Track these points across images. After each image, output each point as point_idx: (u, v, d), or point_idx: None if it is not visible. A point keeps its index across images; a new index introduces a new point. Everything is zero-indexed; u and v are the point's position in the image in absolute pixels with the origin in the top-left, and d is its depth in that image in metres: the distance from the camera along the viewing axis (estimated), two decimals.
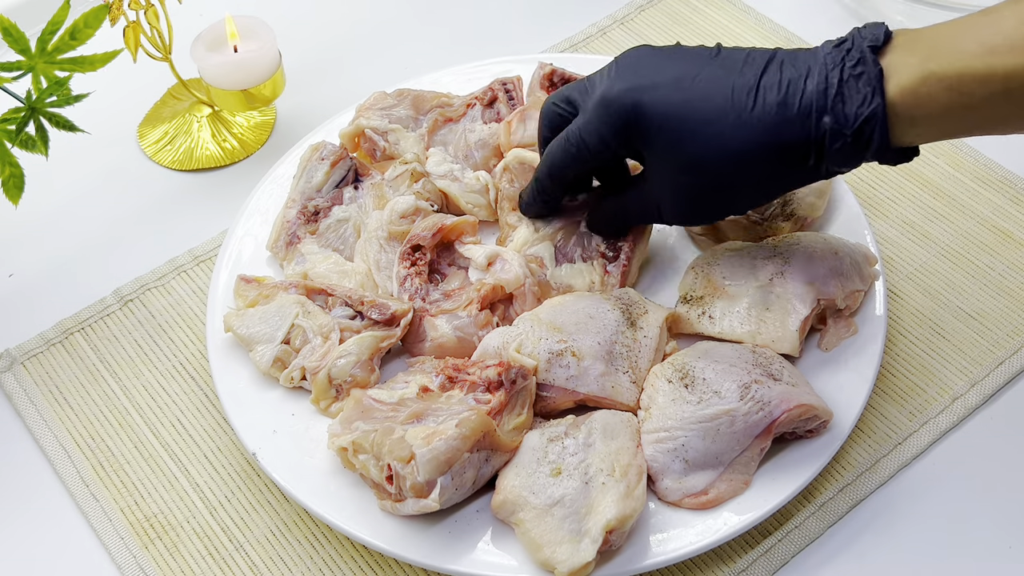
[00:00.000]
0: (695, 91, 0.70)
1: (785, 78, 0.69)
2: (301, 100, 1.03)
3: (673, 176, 0.73)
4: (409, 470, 0.70)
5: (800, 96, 0.68)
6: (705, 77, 0.70)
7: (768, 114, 0.68)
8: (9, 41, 0.79)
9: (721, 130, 0.69)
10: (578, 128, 0.75)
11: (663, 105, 0.71)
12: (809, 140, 0.68)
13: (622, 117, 0.72)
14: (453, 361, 0.78)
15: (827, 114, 0.67)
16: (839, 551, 0.74)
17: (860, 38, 0.68)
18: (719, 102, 0.69)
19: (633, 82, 0.72)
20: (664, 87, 0.71)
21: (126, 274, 0.91)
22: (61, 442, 0.82)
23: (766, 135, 0.68)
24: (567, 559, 0.68)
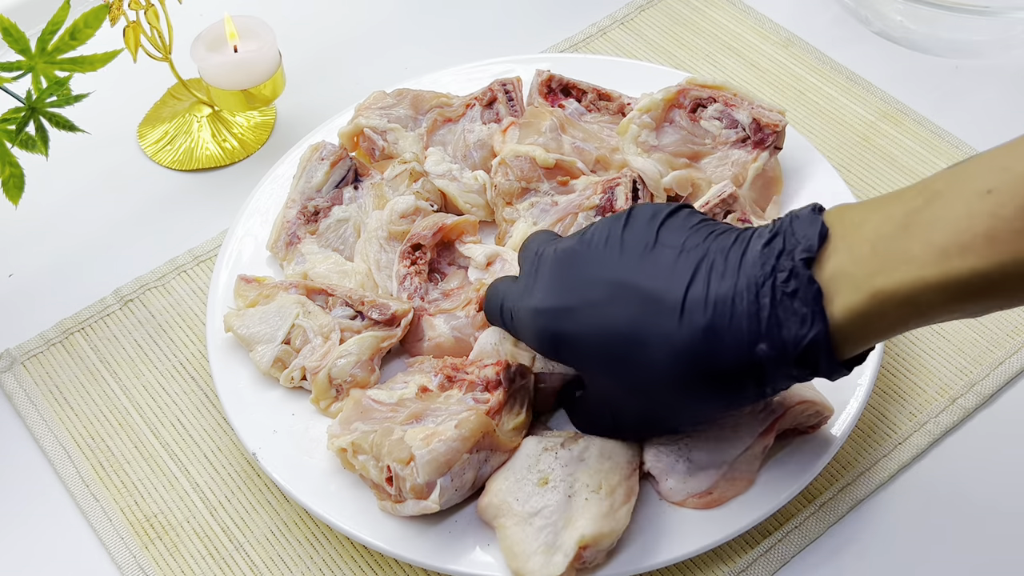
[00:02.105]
0: (616, 312, 0.64)
1: (712, 295, 0.61)
2: (301, 100, 1.03)
3: (615, 394, 0.69)
4: (409, 471, 0.70)
5: (729, 320, 0.60)
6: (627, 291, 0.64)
7: (695, 340, 0.61)
8: (9, 41, 0.79)
9: (650, 356, 0.63)
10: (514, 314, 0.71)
11: (584, 330, 0.65)
12: (744, 368, 0.61)
13: (547, 338, 0.68)
14: (452, 361, 0.78)
15: (762, 341, 0.60)
16: (839, 551, 0.74)
17: (792, 239, 0.60)
18: (646, 326, 0.62)
19: (558, 301, 0.67)
20: (587, 311, 0.65)
21: (126, 274, 0.91)
22: (61, 442, 0.82)
23: (698, 365, 0.61)
24: (537, 570, 0.68)
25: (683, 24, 1.08)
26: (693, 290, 0.61)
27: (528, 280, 0.70)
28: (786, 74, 1.02)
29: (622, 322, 0.63)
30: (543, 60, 0.98)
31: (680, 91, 0.89)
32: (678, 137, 0.88)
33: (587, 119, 0.93)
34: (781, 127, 0.87)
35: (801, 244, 0.60)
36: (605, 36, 1.07)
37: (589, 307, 0.65)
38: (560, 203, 0.86)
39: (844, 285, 0.58)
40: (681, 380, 0.62)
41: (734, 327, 0.60)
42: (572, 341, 0.66)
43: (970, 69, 1.02)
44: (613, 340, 0.64)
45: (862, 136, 0.97)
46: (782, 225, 0.61)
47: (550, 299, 0.68)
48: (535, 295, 0.69)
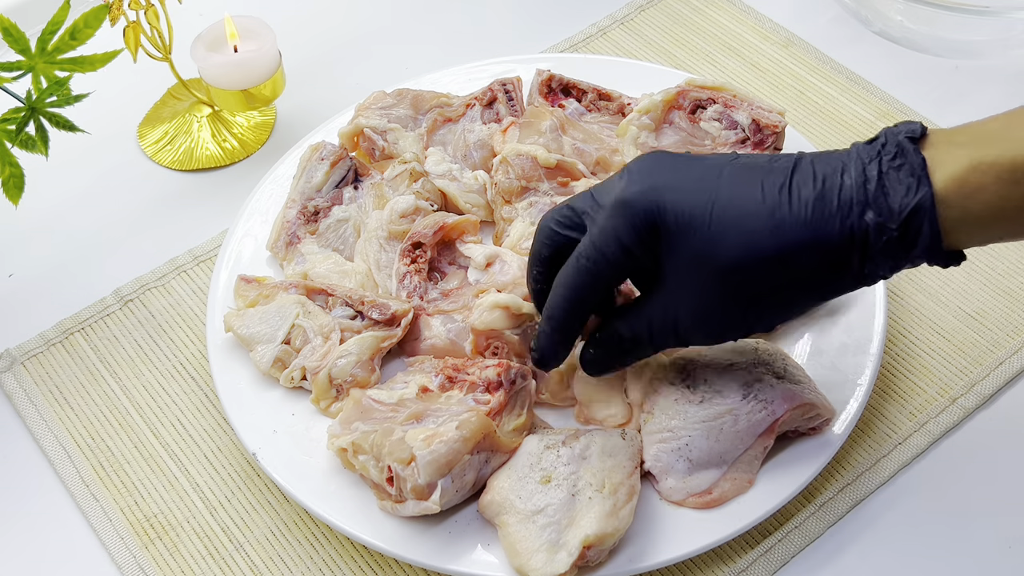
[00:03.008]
0: (721, 190, 0.64)
1: (819, 173, 0.63)
2: (301, 100, 1.03)
3: (698, 285, 0.66)
4: (409, 472, 0.70)
5: (838, 191, 0.62)
6: (729, 175, 0.65)
7: (804, 211, 0.63)
8: (9, 41, 0.79)
9: (754, 230, 0.63)
10: (591, 240, 0.67)
11: (687, 205, 0.65)
12: (853, 237, 0.62)
13: (643, 219, 0.65)
14: (453, 361, 0.78)
15: (869, 208, 0.62)
16: (839, 551, 0.74)
17: (893, 133, 0.64)
18: (749, 201, 0.64)
19: (651, 183, 0.66)
20: (686, 187, 0.65)
21: (126, 274, 0.91)
22: (61, 442, 0.82)
23: (804, 234, 0.63)
24: (540, 568, 0.68)
25: (683, 24, 1.08)
26: (798, 174, 0.64)
27: (617, 178, 0.68)
28: (786, 74, 1.02)
29: (725, 196, 0.64)
30: (543, 60, 0.98)
31: (679, 92, 0.89)
32: (677, 138, 0.88)
33: (587, 119, 0.93)
34: (780, 128, 0.87)
35: (903, 130, 0.63)
36: (605, 36, 1.07)
37: (691, 183, 0.65)
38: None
39: (947, 157, 0.61)
40: (788, 254, 0.63)
41: (843, 197, 0.62)
42: (673, 215, 0.65)
43: (970, 69, 1.02)
44: (718, 214, 0.64)
45: (862, 136, 0.97)
46: (881, 131, 0.65)
47: (648, 180, 0.66)
48: (631, 181, 0.67)
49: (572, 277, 0.68)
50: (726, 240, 0.64)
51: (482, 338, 0.78)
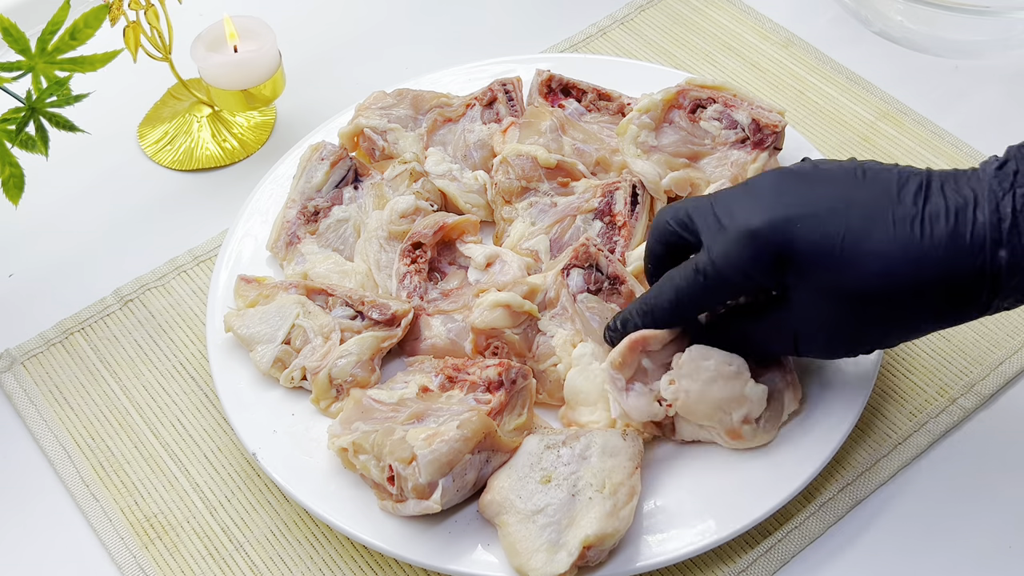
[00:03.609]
0: (853, 221, 0.64)
1: (951, 207, 0.63)
2: (301, 100, 1.03)
3: (825, 309, 0.67)
4: (411, 471, 0.70)
5: (971, 228, 0.63)
6: (860, 204, 0.65)
7: (938, 247, 0.63)
8: (9, 41, 0.79)
9: (887, 264, 0.64)
10: (714, 261, 0.68)
11: (819, 236, 0.65)
12: (983, 275, 0.63)
13: (771, 251, 0.66)
14: (453, 361, 0.78)
15: (1003, 247, 0.62)
16: (839, 551, 0.74)
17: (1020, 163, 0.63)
18: (882, 233, 0.64)
19: (780, 212, 0.66)
20: (817, 216, 0.65)
21: (126, 274, 0.91)
22: (61, 442, 0.82)
23: (937, 269, 0.63)
24: (540, 568, 0.68)
25: (683, 24, 1.08)
26: (930, 205, 0.64)
27: (742, 196, 0.68)
28: (786, 74, 1.02)
29: (858, 228, 0.64)
30: (543, 60, 0.98)
31: (679, 92, 0.89)
32: (677, 138, 0.88)
33: (587, 119, 0.93)
34: (780, 127, 0.87)
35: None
36: (605, 36, 1.07)
37: (824, 214, 0.65)
38: (559, 204, 0.86)
39: None
40: (919, 288, 0.64)
41: (976, 234, 0.62)
42: (805, 247, 0.65)
43: (970, 69, 1.02)
44: (851, 246, 0.64)
45: (862, 136, 0.97)
46: (1010, 153, 0.64)
47: (776, 207, 0.66)
48: (758, 206, 0.67)
49: (687, 288, 0.70)
50: (858, 273, 0.64)
51: (482, 337, 0.78)
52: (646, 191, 0.86)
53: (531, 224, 0.86)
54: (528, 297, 0.79)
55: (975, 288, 0.64)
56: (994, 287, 0.63)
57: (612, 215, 0.85)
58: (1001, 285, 0.63)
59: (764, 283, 0.68)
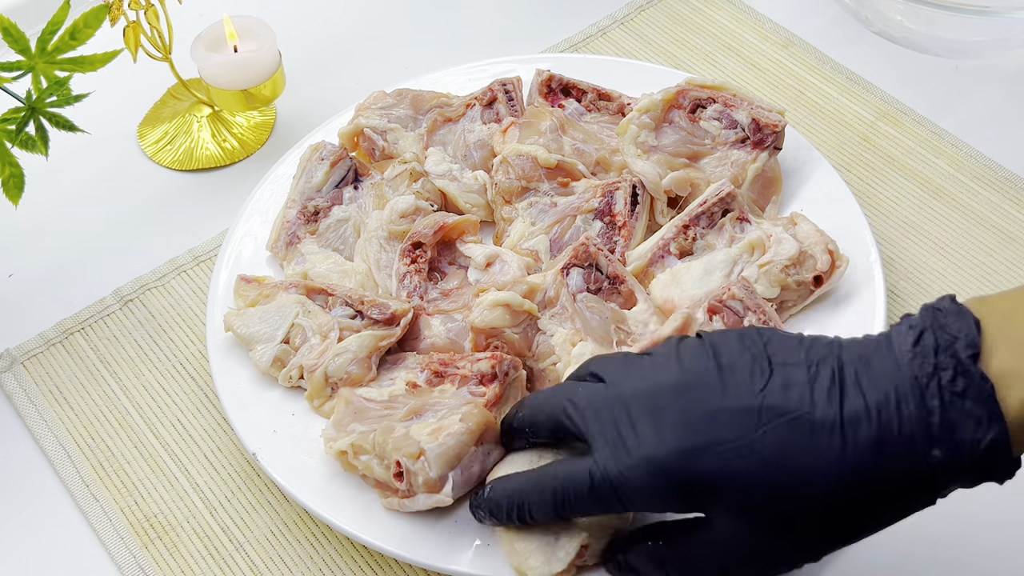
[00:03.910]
0: (768, 445, 0.58)
1: (871, 405, 0.57)
2: (301, 100, 1.03)
3: (752, 535, 0.60)
4: (420, 466, 0.70)
5: (897, 426, 0.56)
6: (771, 414, 0.58)
7: (863, 457, 0.57)
8: (9, 41, 0.79)
9: (810, 484, 0.57)
10: (612, 480, 0.61)
11: (732, 465, 0.58)
12: (918, 477, 0.57)
13: (681, 487, 0.60)
14: (437, 356, 0.78)
15: (935, 447, 0.56)
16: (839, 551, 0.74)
17: (945, 335, 0.57)
18: (800, 453, 0.57)
19: (686, 444, 0.59)
20: (728, 446, 0.58)
21: (126, 274, 0.91)
22: (61, 442, 0.82)
23: (865, 482, 0.57)
24: (538, 567, 0.68)
25: (683, 24, 1.08)
26: (848, 403, 0.57)
27: (617, 434, 0.62)
28: (786, 74, 1.02)
29: (772, 452, 0.58)
30: (543, 60, 0.98)
31: (679, 91, 0.89)
32: (677, 137, 0.88)
33: (587, 119, 0.93)
34: (780, 127, 0.87)
35: (961, 340, 0.57)
36: (605, 36, 1.07)
37: (729, 442, 0.59)
38: (559, 204, 0.86)
39: (1015, 382, 0.55)
40: (849, 504, 0.58)
41: (903, 435, 0.56)
42: (717, 481, 0.59)
43: (970, 69, 1.02)
44: (769, 475, 0.58)
45: (862, 136, 0.97)
46: (925, 321, 0.58)
47: (674, 441, 0.60)
48: (662, 433, 0.60)
49: (576, 496, 0.63)
50: (781, 499, 0.58)
51: (482, 337, 0.78)
52: (646, 191, 0.86)
53: (531, 224, 0.86)
54: (528, 296, 0.79)
55: (912, 490, 0.58)
56: (932, 485, 0.58)
57: (612, 215, 0.85)
58: (939, 482, 0.57)
59: (677, 512, 0.62)
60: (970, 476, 0.57)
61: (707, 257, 0.83)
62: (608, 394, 0.64)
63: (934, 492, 0.58)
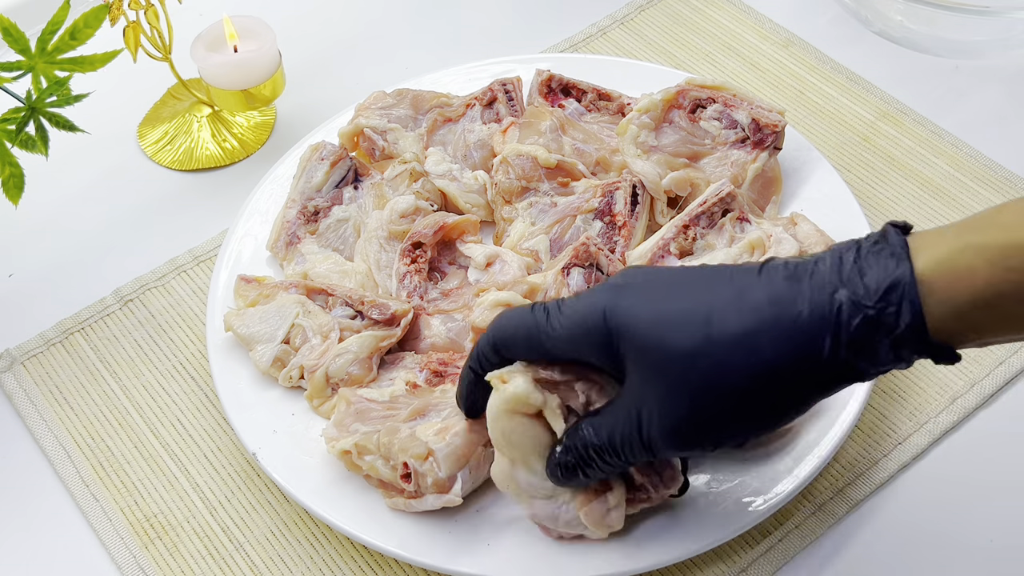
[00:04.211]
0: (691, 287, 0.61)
1: (792, 262, 0.60)
2: (301, 100, 1.03)
3: (661, 380, 0.60)
4: (428, 466, 0.70)
5: (810, 274, 0.58)
6: (700, 275, 0.62)
7: (771, 289, 0.58)
8: (9, 41, 0.79)
9: (717, 310, 0.59)
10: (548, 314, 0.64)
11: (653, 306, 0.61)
12: (823, 317, 0.57)
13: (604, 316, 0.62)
14: (436, 355, 0.78)
15: (842, 287, 0.57)
16: (839, 551, 0.74)
17: (876, 231, 0.60)
18: (716, 286, 0.60)
19: (620, 281, 0.63)
20: (657, 288, 0.62)
21: (126, 274, 0.91)
22: (61, 442, 0.82)
23: (770, 311, 0.58)
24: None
25: (683, 24, 1.08)
26: (770, 264, 0.60)
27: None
28: (786, 74, 1.02)
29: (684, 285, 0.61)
30: (543, 60, 0.98)
31: (679, 91, 0.89)
32: (677, 137, 0.88)
33: (587, 119, 0.93)
34: (780, 127, 0.87)
35: (888, 224, 0.59)
36: (605, 36, 1.07)
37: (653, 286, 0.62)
38: (559, 204, 0.86)
39: (933, 241, 0.57)
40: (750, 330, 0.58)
41: (815, 279, 0.58)
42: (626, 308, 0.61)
43: (970, 69, 1.02)
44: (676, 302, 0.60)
45: (862, 136, 0.97)
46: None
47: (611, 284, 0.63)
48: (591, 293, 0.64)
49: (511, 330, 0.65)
50: (687, 326, 0.59)
51: None
52: (646, 191, 0.86)
53: (531, 224, 0.86)
54: (528, 296, 0.79)
55: (815, 333, 0.57)
56: (836, 332, 0.57)
57: (612, 215, 0.85)
58: (842, 327, 0.57)
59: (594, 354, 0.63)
60: (875, 325, 0.56)
61: (707, 257, 0.83)
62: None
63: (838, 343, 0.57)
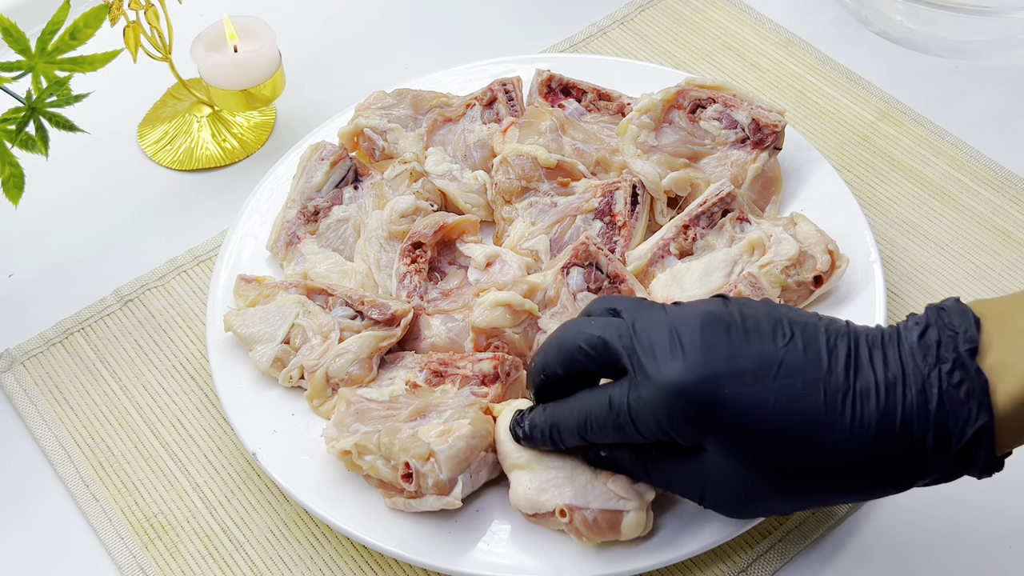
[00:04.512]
0: (783, 389, 0.61)
1: (880, 383, 0.61)
2: (301, 100, 1.03)
3: (739, 475, 0.63)
4: (430, 467, 0.70)
5: (900, 409, 0.60)
6: (789, 369, 0.61)
7: (867, 428, 0.60)
8: (9, 41, 0.79)
9: (812, 441, 0.61)
10: (631, 405, 0.63)
11: (748, 401, 0.61)
12: (911, 459, 0.61)
13: (694, 410, 0.61)
14: (437, 356, 0.78)
15: (930, 429, 0.60)
16: (839, 551, 0.74)
17: (948, 331, 0.61)
18: (811, 407, 0.61)
19: (708, 369, 0.61)
20: (746, 379, 0.61)
21: (126, 274, 0.91)
22: (61, 442, 0.82)
23: (865, 452, 0.60)
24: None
25: (683, 24, 1.08)
26: (861, 379, 0.61)
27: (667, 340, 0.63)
28: (786, 74, 1.02)
29: (784, 402, 0.61)
30: (543, 60, 0.98)
31: (679, 92, 0.89)
32: (677, 138, 0.88)
33: (587, 119, 0.93)
34: (780, 127, 0.87)
35: (961, 335, 0.61)
36: (605, 36, 1.07)
37: (748, 378, 0.61)
38: (559, 204, 0.86)
39: (1006, 375, 0.59)
40: (844, 468, 0.61)
41: (905, 416, 0.60)
42: (730, 410, 0.61)
43: (970, 69, 1.02)
44: (778, 418, 0.61)
45: (862, 136, 0.97)
46: (930, 318, 0.62)
47: (706, 362, 0.62)
48: (678, 365, 0.62)
49: (596, 419, 0.65)
50: (783, 447, 0.61)
51: (483, 337, 0.78)
52: (646, 191, 0.86)
53: (531, 224, 0.86)
54: (528, 296, 0.79)
55: (901, 469, 0.61)
56: (917, 471, 0.61)
57: (612, 215, 0.85)
58: (927, 468, 0.61)
59: (680, 440, 0.63)
60: (953, 466, 0.61)
61: (707, 257, 0.83)
62: (627, 325, 0.65)
63: (916, 477, 0.62)
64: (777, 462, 0.62)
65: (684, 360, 0.62)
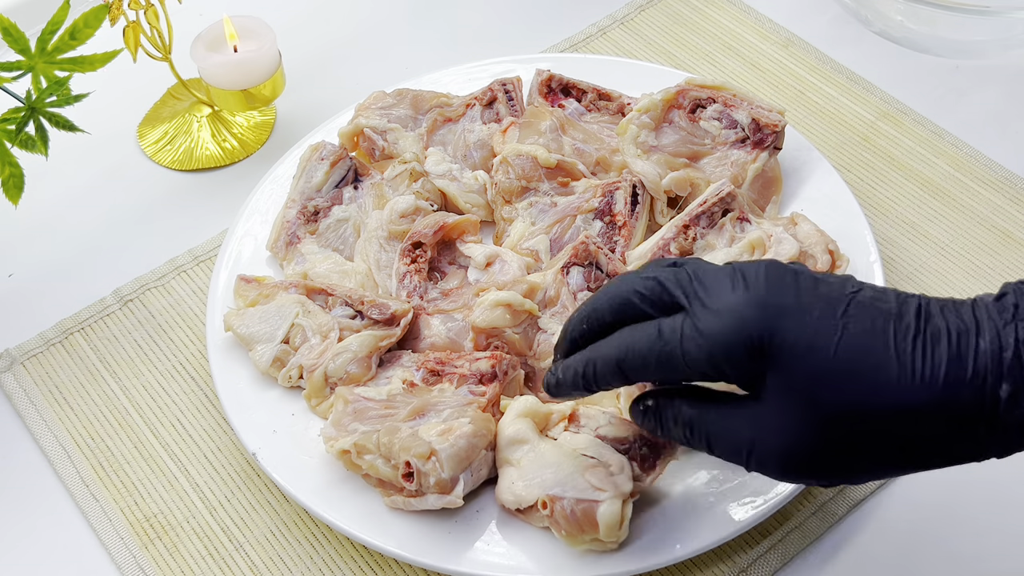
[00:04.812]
0: (849, 326, 0.58)
1: (952, 330, 0.57)
2: (301, 100, 1.03)
3: (794, 420, 0.58)
4: (431, 466, 0.70)
5: (973, 355, 0.56)
6: (858, 311, 0.58)
7: (938, 369, 0.56)
8: (9, 41, 0.79)
9: (879, 379, 0.57)
10: (683, 332, 0.60)
11: (810, 334, 0.58)
12: (983, 407, 0.56)
13: (755, 339, 0.58)
14: (434, 355, 0.78)
15: (1004, 380, 0.56)
16: (839, 551, 0.74)
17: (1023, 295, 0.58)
18: (878, 345, 0.57)
19: (771, 300, 0.59)
20: (808, 314, 0.58)
21: (126, 274, 0.91)
22: (61, 442, 0.82)
23: (934, 396, 0.56)
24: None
25: (683, 24, 1.08)
26: (932, 324, 0.58)
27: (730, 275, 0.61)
28: (786, 74, 1.02)
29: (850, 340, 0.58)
30: (543, 60, 0.98)
31: (679, 91, 0.89)
32: (677, 137, 0.88)
33: (587, 119, 0.93)
34: (780, 127, 0.87)
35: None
36: (605, 36, 1.07)
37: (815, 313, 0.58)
38: (559, 204, 0.86)
39: None
40: (913, 412, 0.57)
41: (979, 363, 0.56)
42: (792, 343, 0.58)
43: (970, 69, 1.02)
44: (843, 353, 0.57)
45: (862, 136, 0.97)
46: (1007, 288, 0.59)
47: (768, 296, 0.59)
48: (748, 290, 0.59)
49: (642, 352, 0.61)
50: (846, 384, 0.57)
51: (483, 336, 0.78)
52: (646, 191, 0.86)
53: (531, 224, 0.86)
54: (528, 296, 0.79)
55: (973, 421, 0.57)
56: (992, 422, 0.57)
57: (612, 215, 0.85)
58: (1000, 420, 0.56)
59: (733, 377, 0.60)
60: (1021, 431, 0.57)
61: (707, 257, 0.83)
62: (685, 270, 0.62)
63: (991, 430, 0.57)
64: (838, 405, 0.57)
65: (747, 291, 0.59)
